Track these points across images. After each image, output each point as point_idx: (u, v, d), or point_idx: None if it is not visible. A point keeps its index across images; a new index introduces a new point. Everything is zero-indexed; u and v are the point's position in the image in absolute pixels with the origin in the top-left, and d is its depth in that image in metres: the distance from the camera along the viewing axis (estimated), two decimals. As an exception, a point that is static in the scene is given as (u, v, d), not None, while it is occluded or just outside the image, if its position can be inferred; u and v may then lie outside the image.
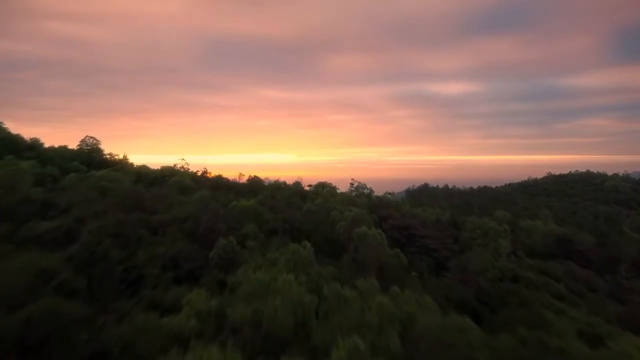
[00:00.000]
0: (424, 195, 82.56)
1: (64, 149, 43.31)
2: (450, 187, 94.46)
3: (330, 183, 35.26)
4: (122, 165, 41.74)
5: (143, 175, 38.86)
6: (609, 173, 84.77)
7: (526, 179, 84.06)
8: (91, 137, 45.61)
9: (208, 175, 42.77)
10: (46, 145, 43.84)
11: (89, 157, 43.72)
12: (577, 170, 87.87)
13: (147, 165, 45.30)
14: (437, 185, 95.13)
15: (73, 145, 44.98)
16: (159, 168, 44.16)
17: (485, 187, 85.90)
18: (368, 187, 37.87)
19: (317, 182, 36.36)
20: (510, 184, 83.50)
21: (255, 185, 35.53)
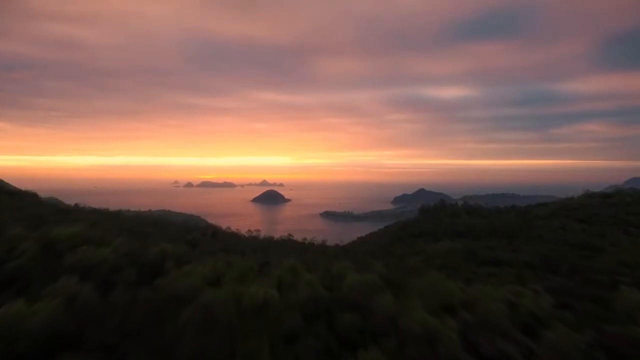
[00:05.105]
0: (442, 214, 69.64)
1: None
2: (468, 200, 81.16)
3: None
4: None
5: None
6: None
7: (563, 197, 72.31)
8: None
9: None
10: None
11: None
12: (621, 189, 76.36)
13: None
14: (456, 202, 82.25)
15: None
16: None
17: (514, 207, 73.13)
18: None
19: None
20: (545, 205, 71.33)
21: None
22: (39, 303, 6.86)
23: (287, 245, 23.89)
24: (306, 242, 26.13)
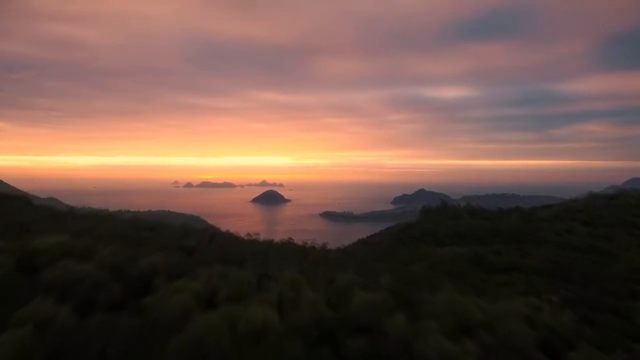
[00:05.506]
0: (444, 215, 67.85)
1: None
2: (468, 201, 79.85)
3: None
4: None
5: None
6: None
7: (567, 198, 71.42)
8: None
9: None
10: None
11: None
12: (621, 189, 75.58)
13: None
14: (458, 203, 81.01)
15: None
16: None
17: (517, 208, 71.87)
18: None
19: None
20: (549, 207, 70.51)
21: None
22: (6, 331, 6.08)
23: (287, 250, 22.92)
24: (307, 246, 25.28)
